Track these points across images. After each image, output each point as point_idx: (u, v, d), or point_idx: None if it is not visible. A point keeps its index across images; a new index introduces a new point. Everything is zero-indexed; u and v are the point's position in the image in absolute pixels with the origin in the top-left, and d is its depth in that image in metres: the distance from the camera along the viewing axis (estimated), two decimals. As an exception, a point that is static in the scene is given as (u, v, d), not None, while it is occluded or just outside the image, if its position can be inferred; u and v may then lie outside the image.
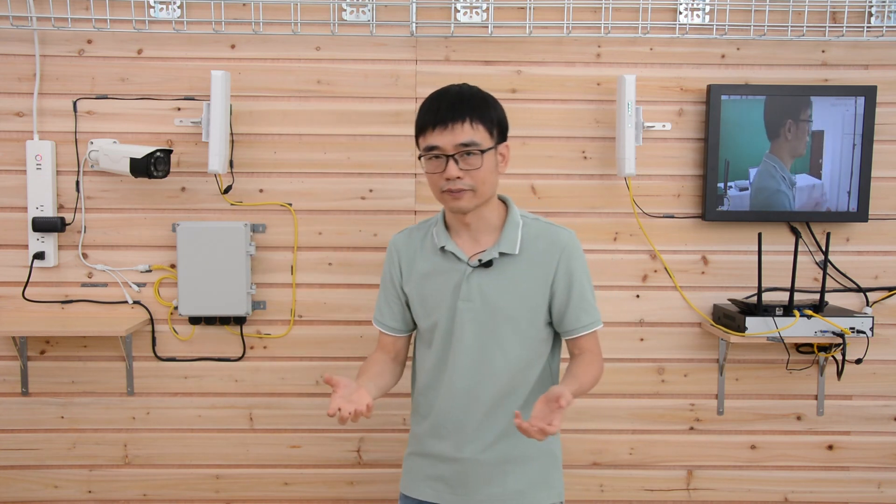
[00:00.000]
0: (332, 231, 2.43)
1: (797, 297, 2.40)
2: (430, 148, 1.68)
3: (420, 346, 1.89)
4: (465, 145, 1.66)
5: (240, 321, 2.44)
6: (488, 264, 1.74)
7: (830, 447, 2.54)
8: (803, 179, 2.39)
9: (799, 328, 2.28)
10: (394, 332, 1.90)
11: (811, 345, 2.43)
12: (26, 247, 2.40)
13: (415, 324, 1.89)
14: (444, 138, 1.66)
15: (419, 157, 1.73)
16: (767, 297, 2.42)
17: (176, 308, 2.42)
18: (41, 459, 2.48)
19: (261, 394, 2.48)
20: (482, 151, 1.67)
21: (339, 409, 1.53)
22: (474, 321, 1.75)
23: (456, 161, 1.66)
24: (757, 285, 2.30)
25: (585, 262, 1.79)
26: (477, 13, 2.37)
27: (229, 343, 2.46)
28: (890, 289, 2.48)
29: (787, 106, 2.36)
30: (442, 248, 1.78)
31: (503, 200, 1.82)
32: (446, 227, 1.80)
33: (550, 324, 1.80)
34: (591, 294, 1.78)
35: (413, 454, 1.90)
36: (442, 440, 1.82)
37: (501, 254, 1.74)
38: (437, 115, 1.67)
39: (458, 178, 1.67)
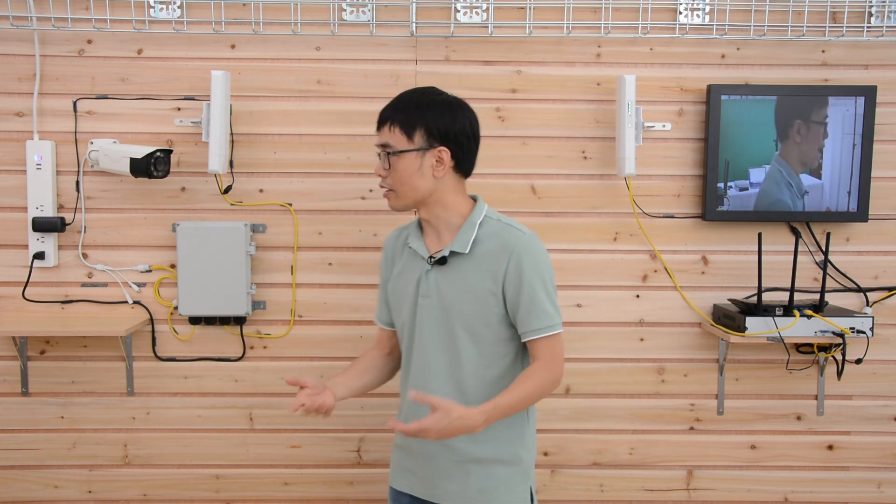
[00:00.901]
0: (332, 231, 2.43)
1: (797, 297, 2.40)
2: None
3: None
4: (383, 146, 1.78)
5: (240, 321, 2.44)
6: (442, 262, 1.79)
7: (830, 447, 2.54)
8: (803, 179, 2.39)
9: (799, 328, 2.28)
10: (389, 326, 1.98)
11: (811, 345, 2.43)
12: (26, 247, 2.40)
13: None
14: (377, 138, 1.81)
15: None
16: (767, 297, 2.42)
17: (176, 308, 2.42)
18: (41, 459, 2.48)
19: (261, 394, 2.48)
20: (393, 153, 1.76)
21: (304, 405, 1.72)
22: (433, 318, 1.80)
23: (380, 159, 1.80)
24: (757, 285, 2.30)
25: (542, 264, 1.75)
26: (477, 13, 2.37)
27: (229, 343, 2.46)
28: (890, 289, 2.48)
29: (799, 108, 2.36)
30: (409, 246, 1.87)
31: (474, 199, 1.85)
32: (420, 226, 1.87)
33: (513, 325, 1.79)
34: (544, 297, 1.73)
35: (395, 445, 1.96)
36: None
37: (453, 252, 1.78)
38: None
39: (381, 176, 1.80)
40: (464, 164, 1.80)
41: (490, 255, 1.75)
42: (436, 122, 1.75)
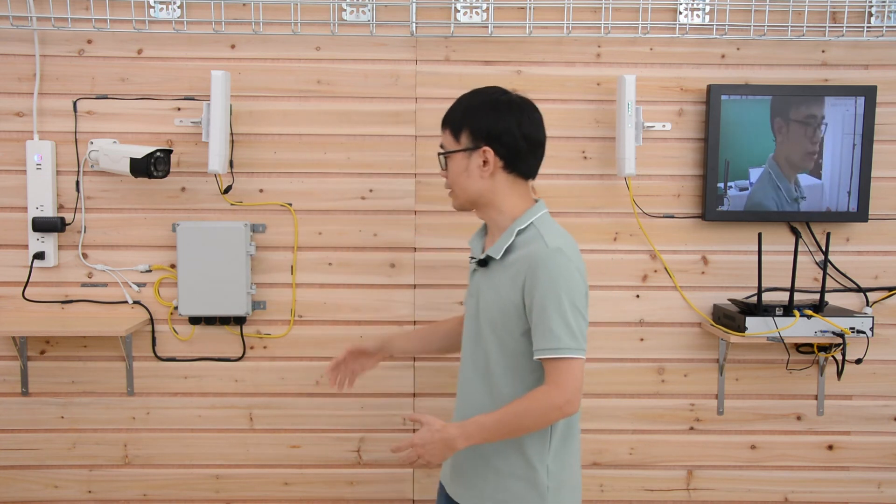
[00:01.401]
0: (332, 231, 2.43)
1: (797, 297, 2.40)
2: None
3: None
4: (440, 148, 1.82)
5: (240, 321, 2.44)
6: (482, 263, 1.78)
7: (830, 447, 2.54)
8: (803, 179, 2.39)
9: (799, 328, 2.28)
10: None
11: (811, 345, 2.43)
12: (26, 247, 2.40)
13: None
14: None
15: None
16: (767, 297, 2.42)
17: (176, 308, 2.42)
18: (41, 459, 2.48)
19: (261, 394, 2.48)
20: (443, 154, 1.80)
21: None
22: (474, 318, 1.80)
23: (439, 161, 1.83)
24: (757, 285, 2.30)
25: (559, 282, 1.64)
26: (477, 13, 2.37)
27: (229, 343, 2.46)
28: (890, 289, 2.48)
29: (790, 110, 2.36)
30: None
31: (536, 202, 1.82)
32: (485, 224, 1.87)
33: None
34: (554, 317, 1.63)
35: None
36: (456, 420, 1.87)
37: (489, 257, 1.77)
38: None
39: (442, 177, 1.83)
40: (516, 164, 1.76)
41: (517, 265, 1.71)
42: (479, 122, 1.74)
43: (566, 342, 1.63)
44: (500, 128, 1.74)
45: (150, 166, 2.25)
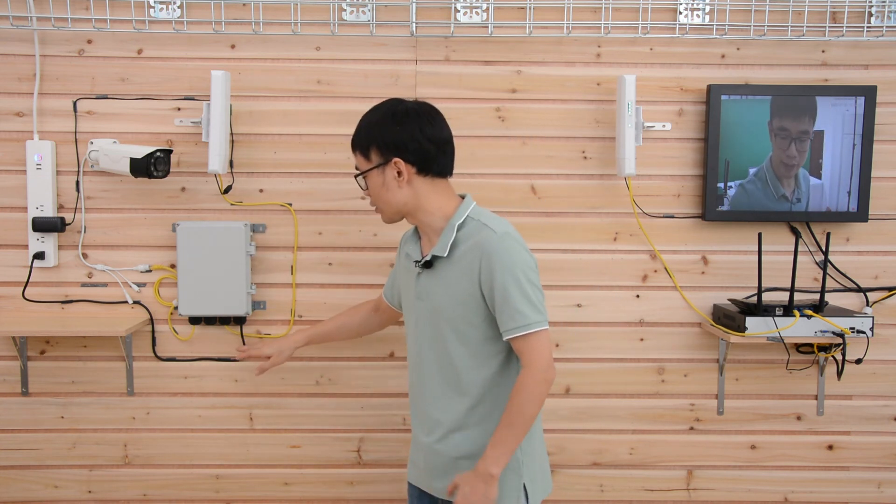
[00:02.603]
0: (332, 231, 2.43)
1: (797, 297, 2.40)
2: None
3: None
4: (355, 169, 1.88)
5: (240, 321, 2.44)
6: (427, 265, 1.83)
7: (830, 447, 2.54)
8: (803, 181, 2.39)
9: (799, 328, 2.28)
10: (385, 295, 2.18)
11: (811, 345, 2.43)
12: (26, 247, 2.40)
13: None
14: None
15: None
16: (767, 297, 2.42)
17: (176, 308, 2.42)
18: (41, 459, 2.48)
19: (261, 394, 2.48)
20: (359, 175, 1.86)
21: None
22: (427, 319, 1.85)
23: (358, 184, 1.89)
24: (757, 285, 2.30)
25: (515, 262, 1.73)
26: (477, 13, 2.37)
27: (229, 343, 2.46)
28: (890, 289, 2.48)
29: (785, 113, 2.36)
30: (405, 251, 1.94)
31: (463, 198, 1.87)
32: (417, 229, 1.92)
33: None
34: (518, 296, 1.72)
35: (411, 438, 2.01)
36: (415, 425, 1.94)
37: (435, 256, 1.81)
38: None
39: (366, 196, 1.88)
40: (429, 167, 1.81)
41: (466, 257, 1.77)
42: (383, 137, 1.80)
43: (533, 317, 1.73)
44: (403, 137, 1.79)
45: (150, 166, 2.25)
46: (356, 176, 1.87)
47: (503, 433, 1.73)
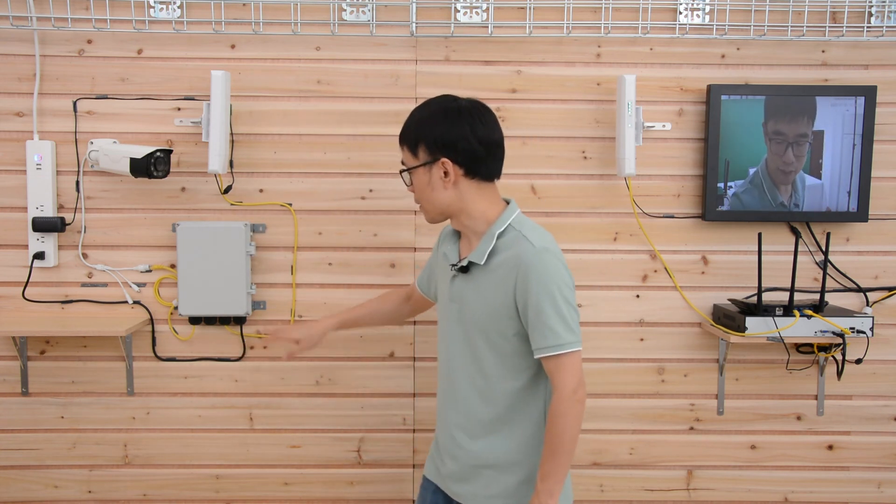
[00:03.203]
0: (332, 231, 2.43)
1: (797, 297, 2.40)
2: None
3: None
4: (402, 165, 1.84)
5: (240, 321, 2.44)
6: (464, 270, 1.79)
7: (830, 447, 2.54)
8: (802, 181, 2.39)
9: (799, 328, 2.28)
10: (419, 285, 2.13)
11: (811, 345, 2.43)
12: (26, 247, 2.40)
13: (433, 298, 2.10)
14: None
15: None
16: (767, 297, 2.42)
17: (176, 308, 2.42)
18: (41, 459, 2.48)
19: (261, 394, 2.48)
20: (405, 171, 1.82)
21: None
22: (459, 322, 1.82)
23: (402, 179, 1.85)
24: (757, 285, 2.31)
25: (551, 279, 1.69)
26: (477, 13, 2.37)
27: (229, 343, 2.46)
28: (890, 289, 2.48)
29: (782, 116, 2.36)
30: (442, 251, 1.90)
31: (507, 203, 1.84)
32: (457, 230, 1.88)
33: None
34: (552, 314, 1.68)
35: (434, 438, 2.00)
36: (440, 425, 1.92)
37: (472, 263, 1.78)
38: None
39: (410, 192, 1.85)
40: (476, 169, 1.77)
41: (503, 268, 1.73)
42: (433, 134, 1.75)
43: (566, 337, 1.68)
44: (453, 136, 1.74)
45: (150, 166, 2.25)
46: (402, 171, 1.83)
47: (549, 464, 1.69)
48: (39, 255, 2.37)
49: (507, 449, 1.78)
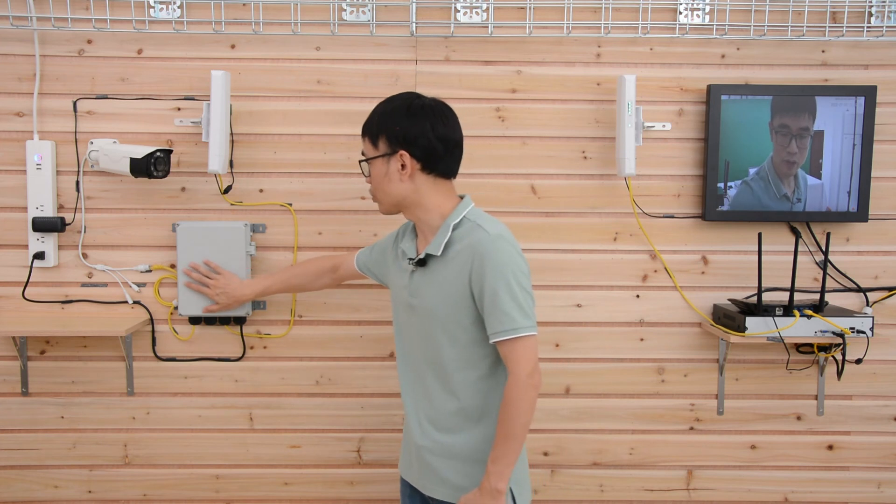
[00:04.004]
0: (332, 231, 2.43)
1: (797, 297, 2.40)
2: None
3: None
4: (361, 155, 1.89)
5: (240, 321, 2.44)
6: (421, 263, 1.83)
7: (830, 447, 2.54)
8: (802, 181, 2.39)
9: (799, 328, 2.28)
10: (358, 262, 2.18)
11: (811, 345, 2.43)
12: (26, 247, 2.40)
13: (368, 276, 2.17)
14: None
15: None
16: (767, 297, 2.42)
17: (176, 308, 2.42)
18: (41, 459, 2.48)
19: (261, 394, 2.48)
20: (364, 161, 1.87)
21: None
22: (418, 317, 1.84)
23: (361, 169, 1.90)
24: (757, 285, 2.31)
25: (506, 264, 1.71)
26: (477, 13, 2.37)
27: (229, 343, 2.46)
28: (890, 289, 2.48)
29: (785, 113, 2.36)
30: (399, 246, 1.94)
31: (462, 198, 1.87)
32: (414, 226, 1.92)
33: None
34: (507, 299, 1.70)
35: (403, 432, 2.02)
36: (407, 422, 1.94)
37: (429, 255, 1.81)
38: None
39: (367, 183, 1.89)
40: (434, 165, 1.81)
41: (459, 257, 1.77)
42: (394, 127, 1.79)
43: (521, 322, 1.71)
44: (414, 132, 1.79)
45: (150, 166, 2.25)
46: (360, 161, 1.88)
47: (501, 447, 1.72)
48: (39, 255, 2.37)
49: (476, 441, 1.81)
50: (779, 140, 2.37)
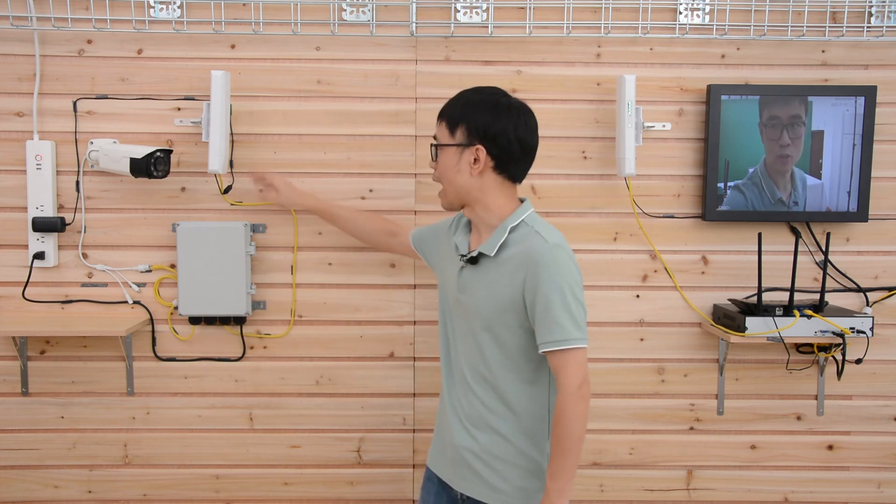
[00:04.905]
0: (332, 231, 2.43)
1: (797, 297, 2.40)
2: None
3: None
4: (433, 139, 1.85)
5: (240, 321, 2.44)
6: (472, 261, 1.80)
7: (830, 447, 2.54)
8: (801, 181, 2.39)
9: (799, 328, 2.28)
10: (413, 238, 2.15)
11: (811, 345, 2.43)
12: (26, 247, 2.40)
13: (419, 256, 2.15)
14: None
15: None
16: (767, 297, 2.42)
17: (176, 308, 2.42)
18: (41, 459, 2.48)
19: (261, 394, 2.48)
20: (436, 146, 1.82)
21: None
22: (465, 313, 1.83)
23: (430, 152, 1.87)
24: (757, 285, 2.31)
25: (563, 275, 1.70)
26: (477, 13, 2.37)
27: (229, 343, 2.46)
28: (890, 289, 2.48)
29: (776, 113, 2.36)
30: (453, 239, 1.92)
31: (522, 201, 1.86)
32: (470, 222, 1.90)
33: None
34: (560, 310, 1.68)
35: (435, 427, 2.01)
36: (441, 417, 1.94)
37: (481, 254, 1.79)
38: None
39: (432, 169, 1.86)
40: (506, 166, 1.79)
41: (513, 262, 1.75)
42: (477, 120, 1.76)
43: (573, 333, 1.69)
44: (496, 128, 1.76)
45: (150, 166, 2.25)
46: (433, 145, 1.84)
47: (558, 463, 1.69)
48: (39, 255, 2.37)
49: (512, 443, 1.80)
50: (769, 134, 2.35)
